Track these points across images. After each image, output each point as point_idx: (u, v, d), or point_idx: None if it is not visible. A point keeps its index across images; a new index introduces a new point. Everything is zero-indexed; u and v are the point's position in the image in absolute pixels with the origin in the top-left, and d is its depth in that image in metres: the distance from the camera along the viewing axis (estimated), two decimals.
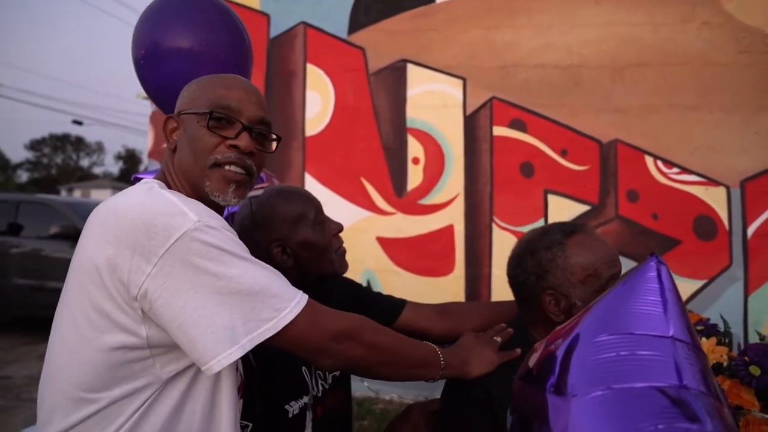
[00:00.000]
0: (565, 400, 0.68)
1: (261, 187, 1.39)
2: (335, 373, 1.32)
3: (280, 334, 0.87)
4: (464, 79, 3.76)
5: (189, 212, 0.87)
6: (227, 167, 0.98)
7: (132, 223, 0.85)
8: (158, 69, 1.35)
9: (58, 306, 0.97)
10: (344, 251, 1.33)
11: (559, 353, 0.76)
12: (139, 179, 1.35)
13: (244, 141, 0.98)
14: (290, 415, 1.18)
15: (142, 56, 1.39)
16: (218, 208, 0.99)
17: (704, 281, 3.38)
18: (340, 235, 1.33)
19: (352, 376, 1.37)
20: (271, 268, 0.92)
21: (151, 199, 0.90)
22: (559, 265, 1.12)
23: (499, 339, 1.19)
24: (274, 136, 1.08)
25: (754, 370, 1.70)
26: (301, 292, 0.92)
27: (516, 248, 1.22)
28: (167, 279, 0.83)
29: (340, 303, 1.06)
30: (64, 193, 34.21)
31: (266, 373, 1.15)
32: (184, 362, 0.90)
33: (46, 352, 0.97)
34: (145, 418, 0.89)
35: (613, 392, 0.65)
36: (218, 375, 0.94)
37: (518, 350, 1.15)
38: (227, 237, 0.88)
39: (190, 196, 0.96)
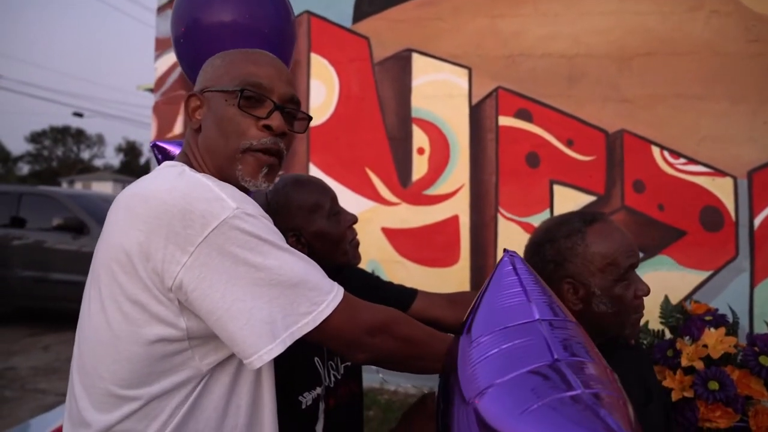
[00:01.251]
0: (465, 407, 0.72)
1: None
2: (347, 363, 1.31)
3: (318, 328, 0.84)
4: (470, 69, 3.73)
5: (227, 198, 0.82)
6: (261, 153, 0.93)
7: (165, 210, 0.80)
8: (199, 46, 1.26)
9: (84, 299, 0.91)
10: (358, 243, 1.32)
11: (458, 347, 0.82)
12: (159, 147, 1.31)
13: (276, 121, 0.93)
14: (303, 406, 1.18)
15: (182, 34, 1.31)
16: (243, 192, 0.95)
17: (710, 272, 3.37)
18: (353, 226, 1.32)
19: (363, 367, 1.37)
20: (307, 258, 0.89)
21: (184, 183, 0.84)
22: (579, 253, 1.11)
23: None
24: (304, 115, 1.02)
25: (764, 360, 1.70)
26: (336, 284, 0.89)
27: (534, 236, 1.21)
28: (204, 270, 0.79)
29: (353, 293, 1.05)
30: (65, 185, 34.19)
31: (280, 363, 1.14)
32: (223, 353, 0.87)
33: (75, 348, 0.92)
34: (191, 415, 0.86)
35: (499, 387, 0.69)
36: (259, 369, 0.92)
37: None
38: (265, 225, 0.84)
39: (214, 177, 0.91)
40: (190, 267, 0.79)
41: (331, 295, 0.86)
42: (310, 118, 1.05)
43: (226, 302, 0.80)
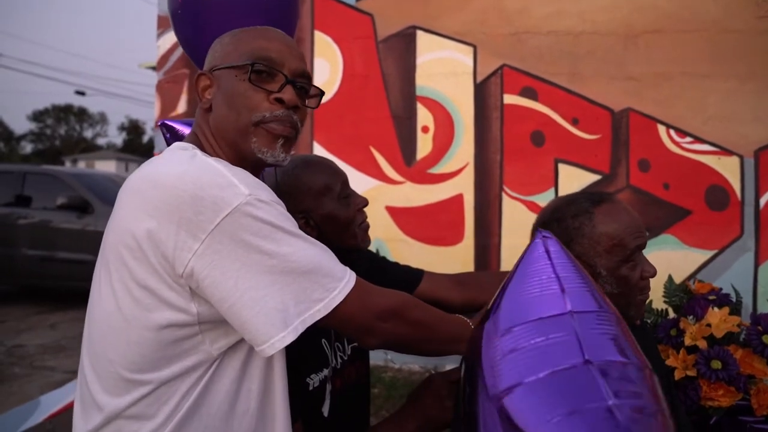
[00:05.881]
0: (490, 402, 0.68)
1: None
2: (354, 344, 1.31)
3: (331, 314, 0.83)
4: (475, 47, 3.69)
5: (239, 184, 0.80)
6: (274, 124, 0.91)
7: (176, 195, 0.79)
8: (198, 21, 1.23)
9: (94, 282, 0.90)
10: (368, 226, 1.31)
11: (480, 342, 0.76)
12: (168, 126, 1.28)
13: (288, 94, 0.92)
14: (311, 388, 1.17)
15: (179, 5, 1.26)
16: (255, 172, 0.94)
17: (715, 251, 3.38)
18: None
19: None
20: (320, 243, 0.87)
21: (196, 168, 0.82)
22: (586, 233, 1.11)
23: None
24: (317, 90, 1.00)
25: (767, 340, 1.71)
26: (349, 269, 0.89)
27: (541, 215, 1.20)
28: (216, 257, 0.78)
29: (361, 275, 1.05)
30: (68, 164, 34.21)
31: (288, 346, 1.14)
32: (234, 337, 0.87)
33: (85, 332, 0.92)
34: (202, 399, 0.86)
35: (526, 386, 0.65)
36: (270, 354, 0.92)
37: None
38: (278, 212, 0.83)
39: (228, 158, 0.91)
40: (202, 254, 0.78)
41: (344, 281, 0.86)
42: (323, 93, 1.03)
43: (239, 290, 0.79)
